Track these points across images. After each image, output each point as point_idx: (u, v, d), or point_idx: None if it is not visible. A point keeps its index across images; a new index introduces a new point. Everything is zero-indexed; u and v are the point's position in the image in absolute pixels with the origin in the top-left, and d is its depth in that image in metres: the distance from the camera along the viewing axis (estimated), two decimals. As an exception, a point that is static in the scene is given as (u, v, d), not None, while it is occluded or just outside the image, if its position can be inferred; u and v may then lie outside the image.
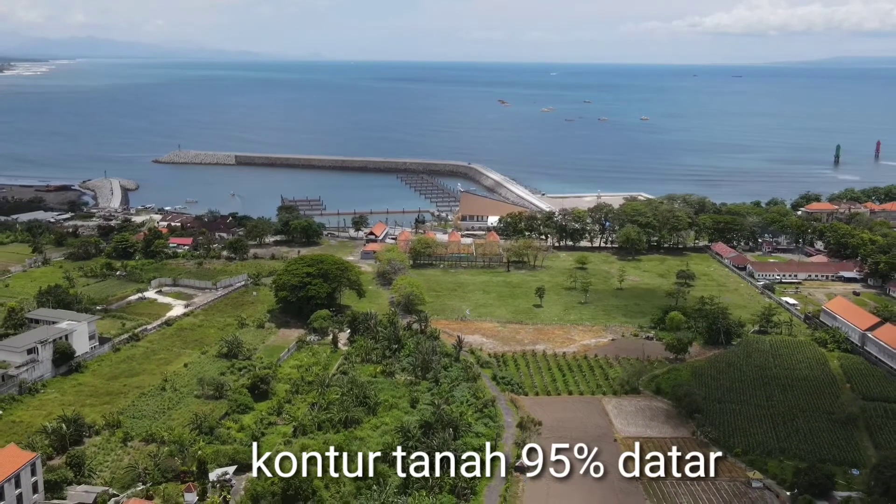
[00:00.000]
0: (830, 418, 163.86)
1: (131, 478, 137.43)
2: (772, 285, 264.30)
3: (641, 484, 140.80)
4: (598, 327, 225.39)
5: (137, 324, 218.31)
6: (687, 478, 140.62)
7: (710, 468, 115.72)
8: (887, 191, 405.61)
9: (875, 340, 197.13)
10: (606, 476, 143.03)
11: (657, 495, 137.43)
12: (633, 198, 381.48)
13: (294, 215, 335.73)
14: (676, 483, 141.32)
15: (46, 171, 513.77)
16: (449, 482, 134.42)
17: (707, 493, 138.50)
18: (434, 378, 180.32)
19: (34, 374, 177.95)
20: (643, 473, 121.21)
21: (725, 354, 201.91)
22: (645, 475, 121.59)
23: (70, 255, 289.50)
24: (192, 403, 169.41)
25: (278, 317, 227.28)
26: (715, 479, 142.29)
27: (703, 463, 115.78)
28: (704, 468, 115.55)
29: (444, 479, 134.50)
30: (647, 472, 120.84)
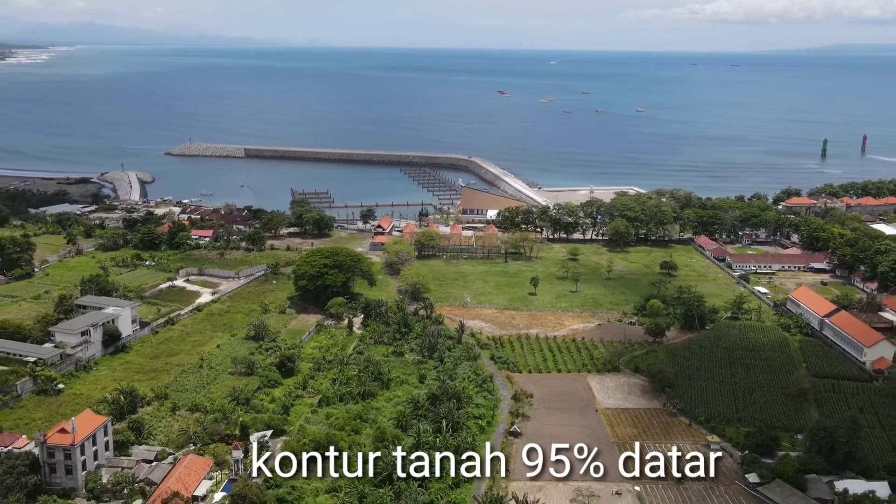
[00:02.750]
0: (784, 392, 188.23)
1: (184, 440, 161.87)
2: (747, 275, 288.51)
3: (617, 445, 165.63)
4: (586, 313, 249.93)
5: (171, 309, 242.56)
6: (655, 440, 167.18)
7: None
8: (864, 186, 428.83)
9: (831, 326, 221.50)
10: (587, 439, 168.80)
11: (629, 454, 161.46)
12: (623, 192, 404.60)
13: (306, 209, 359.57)
14: (645, 444, 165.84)
15: (60, 165, 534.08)
16: (453, 444, 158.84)
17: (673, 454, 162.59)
18: (439, 358, 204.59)
19: (87, 354, 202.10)
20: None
21: (699, 338, 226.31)
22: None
23: (100, 246, 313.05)
24: (228, 379, 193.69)
25: (297, 303, 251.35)
26: (679, 441, 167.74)
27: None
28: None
29: (449, 441, 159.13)
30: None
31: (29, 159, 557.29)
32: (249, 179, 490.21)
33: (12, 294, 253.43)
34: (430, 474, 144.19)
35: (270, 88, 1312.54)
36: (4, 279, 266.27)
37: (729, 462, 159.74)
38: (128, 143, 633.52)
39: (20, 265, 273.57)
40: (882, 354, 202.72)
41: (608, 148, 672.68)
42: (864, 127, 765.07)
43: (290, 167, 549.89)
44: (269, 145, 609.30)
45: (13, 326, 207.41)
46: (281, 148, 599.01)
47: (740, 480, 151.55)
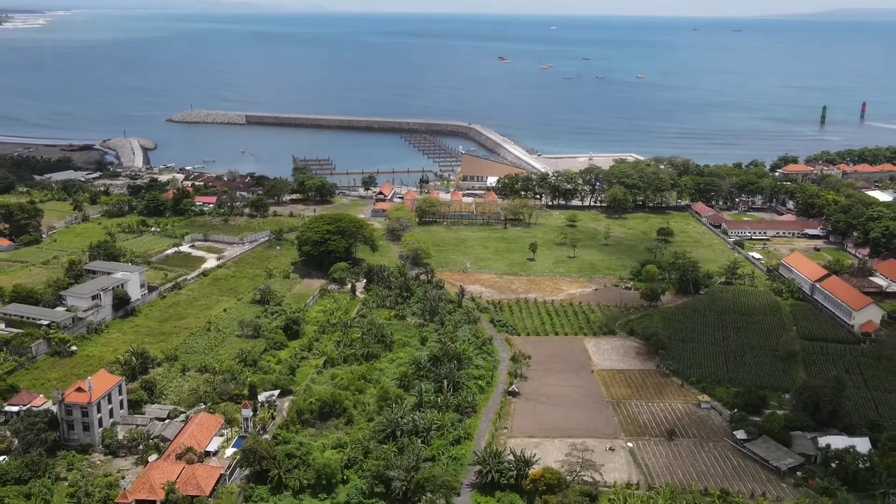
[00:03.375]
0: (774, 354, 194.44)
1: (194, 399, 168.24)
2: (742, 241, 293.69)
3: (611, 404, 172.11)
4: (583, 278, 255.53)
5: (178, 274, 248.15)
6: (648, 399, 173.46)
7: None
8: (860, 153, 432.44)
9: (822, 290, 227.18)
10: (583, 399, 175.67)
11: (623, 413, 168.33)
12: (622, 159, 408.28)
13: (308, 175, 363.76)
14: (639, 403, 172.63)
15: (61, 132, 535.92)
16: (454, 403, 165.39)
17: (664, 412, 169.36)
18: (440, 321, 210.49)
19: (98, 317, 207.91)
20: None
21: (693, 302, 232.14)
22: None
23: (106, 213, 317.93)
24: (235, 342, 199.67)
25: (301, 268, 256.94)
26: (671, 401, 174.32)
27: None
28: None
29: (450, 400, 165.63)
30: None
31: (29, 126, 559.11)
32: (251, 146, 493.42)
33: (22, 259, 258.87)
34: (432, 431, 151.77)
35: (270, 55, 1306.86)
36: (13, 245, 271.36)
37: (718, 420, 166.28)
38: (128, 110, 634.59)
39: (28, 231, 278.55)
40: (870, 318, 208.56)
41: (608, 115, 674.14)
42: (864, 94, 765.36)
43: (291, 134, 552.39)
44: (270, 112, 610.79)
45: (26, 291, 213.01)
46: (282, 115, 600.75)
47: (728, 437, 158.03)
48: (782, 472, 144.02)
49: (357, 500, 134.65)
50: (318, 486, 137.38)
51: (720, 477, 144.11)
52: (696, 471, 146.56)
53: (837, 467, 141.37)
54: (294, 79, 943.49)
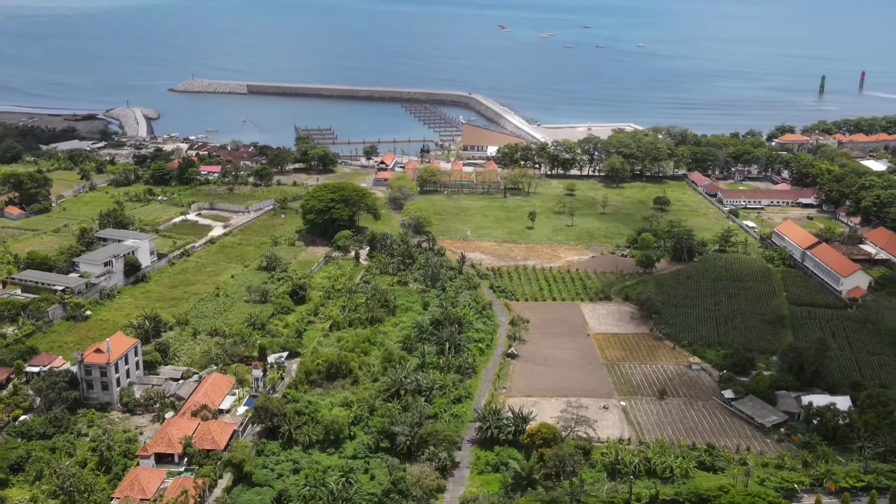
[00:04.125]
0: (763, 319, 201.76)
1: (206, 360, 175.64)
2: (737, 210, 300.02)
3: (606, 365, 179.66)
4: (581, 246, 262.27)
5: (186, 242, 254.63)
6: (641, 361, 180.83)
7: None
8: (857, 123, 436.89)
9: (812, 257, 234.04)
10: (579, 361, 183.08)
11: (617, 374, 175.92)
12: (620, 129, 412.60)
13: (311, 145, 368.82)
14: (632, 365, 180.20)
15: (62, 101, 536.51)
16: (455, 364, 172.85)
17: (656, 373, 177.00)
18: (441, 287, 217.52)
19: (110, 283, 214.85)
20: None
21: (687, 269, 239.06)
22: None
23: (112, 182, 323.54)
24: (243, 307, 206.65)
25: (306, 236, 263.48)
26: (663, 363, 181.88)
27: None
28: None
29: (451, 361, 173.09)
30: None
31: (30, 95, 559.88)
32: (253, 115, 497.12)
33: (33, 228, 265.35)
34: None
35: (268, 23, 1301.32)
36: (24, 213, 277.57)
37: (708, 380, 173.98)
38: (128, 80, 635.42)
39: (38, 200, 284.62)
40: (857, 284, 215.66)
41: (608, 84, 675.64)
42: (864, 63, 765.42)
43: (292, 103, 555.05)
44: (271, 81, 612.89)
45: (40, 258, 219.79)
46: (283, 84, 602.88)
47: (717, 396, 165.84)
48: (767, 428, 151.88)
49: (363, 454, 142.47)
50: (326, 441, 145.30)
51: (708, 433, 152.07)
52: (686, 427, 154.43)
53: (818, 424, 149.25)
54: (294, 48, 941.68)
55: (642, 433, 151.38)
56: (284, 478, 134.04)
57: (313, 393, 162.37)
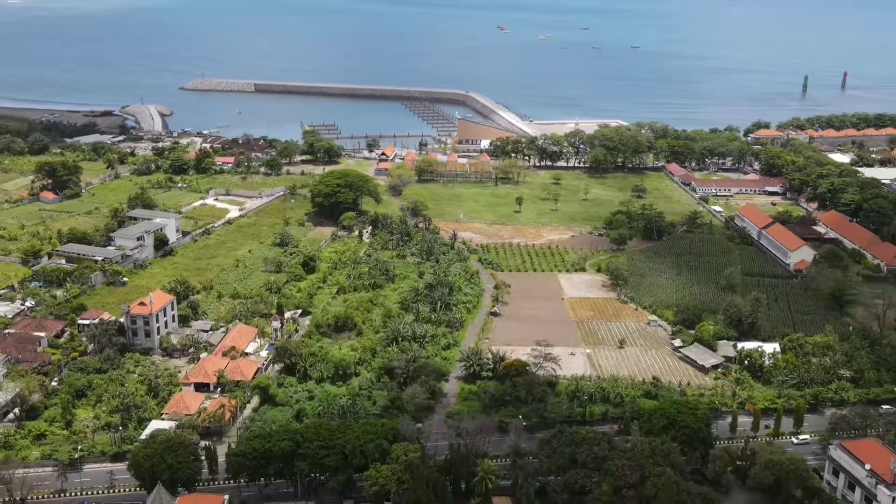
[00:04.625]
0: (717, 286, 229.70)
1: (231, 316, 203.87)
2: (707, 197, 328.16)
3: (575, 323, 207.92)
4: (562, 227, 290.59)
5: (206, 223, 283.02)
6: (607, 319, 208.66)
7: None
8: (828, 119, 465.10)
9: (766, 235, 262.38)
10: (553, 319, 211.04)
11: (584, 329, 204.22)
12: (606, 125, 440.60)
13: (317, 138, 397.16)
14: (599, 322, 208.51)
15: (78, 98, 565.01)
16: (445, 319, 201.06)
17: (619, 328, 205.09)
18: (435, 259, 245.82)
19: (142, 255, 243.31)
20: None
21: (655, 246, 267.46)
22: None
23: (135, 171, 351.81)
24: (260, 276, 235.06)
25: (314, 218, 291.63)
26: (626, 320, 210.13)
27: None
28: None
29: (442, 317, 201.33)
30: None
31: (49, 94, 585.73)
32: (259, 112, 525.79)
33: (67, 210, 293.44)
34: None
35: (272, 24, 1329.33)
36: (58, 198, 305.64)
37: (662, 334, 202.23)
38: (142, 78, 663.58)
39: (70, 186, 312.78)
40: (803, 257, 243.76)
41: (601, 83, 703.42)
42: (846, 63, 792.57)
43: (298, 101, 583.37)
44: (277, 80, 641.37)
45: (80, 233, 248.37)
46: (289, 83, 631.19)
47: (669, 345, 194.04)
48: (707, 369, 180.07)
49: (367, 386, 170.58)
50: (335, 376, 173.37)
51: (658, 373, 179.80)
52: (639, 369, 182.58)
53: (748, 363, 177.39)
54: (298, 48, 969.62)
55: (602, 373, 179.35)
56: (302, 403, 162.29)
57: (324, 342, 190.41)
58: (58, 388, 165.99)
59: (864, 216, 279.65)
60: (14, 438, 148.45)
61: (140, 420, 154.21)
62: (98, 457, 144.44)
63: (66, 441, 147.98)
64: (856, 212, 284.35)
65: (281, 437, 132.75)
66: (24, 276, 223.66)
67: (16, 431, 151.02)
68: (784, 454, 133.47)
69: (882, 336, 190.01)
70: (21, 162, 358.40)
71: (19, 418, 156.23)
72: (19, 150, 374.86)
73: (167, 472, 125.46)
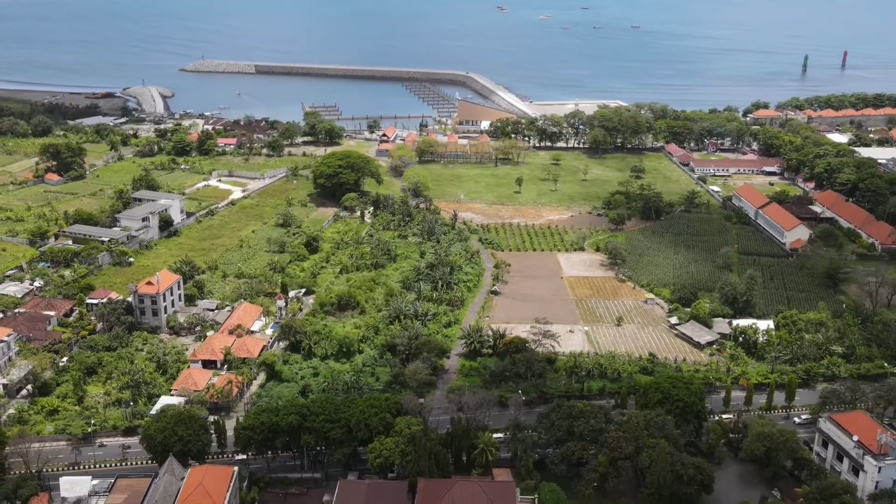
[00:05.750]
0: (714, 264, 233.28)
1: (237, 295, 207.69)
2: (705, 177, 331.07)
3: (574, 301, 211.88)
4: (561, 207, 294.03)
5: (210, 204, 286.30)
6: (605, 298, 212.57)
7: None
8: (827, 99, 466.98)
9: (763, 215, 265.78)
10: (552, 297, 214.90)
11: (583, 307, 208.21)
12: (605, 105, 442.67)
13: (318, 119, 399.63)
14: (597, 300, 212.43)
15: (82, 80, 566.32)
16: (446, 298, 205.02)
17: (617, 306, 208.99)
18: (436, 239, 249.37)
19: (147, 236, 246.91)
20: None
21: (653, 226, 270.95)
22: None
23: (138, 153, 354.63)
24: (264, 255, 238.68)
25: (316, 199, 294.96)
26: (624, 299, 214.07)
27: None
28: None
29: (443, 296, 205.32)
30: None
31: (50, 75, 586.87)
32: (260, 93, 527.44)
33: (72, 192, 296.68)
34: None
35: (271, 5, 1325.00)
36: (63, 179, 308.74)
37: (660, 312, 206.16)
38: (142, 60, 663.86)
39: (74, 168, 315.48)
40: (799, 236, 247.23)
41: (601, 63, 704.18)
42: (847, 42, 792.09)
43: (299, 82, 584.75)
44: (278, 62, 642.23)
45: (86, 214, 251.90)
46: (289, 64, 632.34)
47: (665, 323, 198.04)
48: (702, 345, 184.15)
49: (370, 363, 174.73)
50: (339, 353, 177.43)
51: (655, 349, 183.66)
52: (636, 345, 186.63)
53: (742, 340, 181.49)
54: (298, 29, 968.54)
55: (600, 350, 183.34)
56: (307, 379, 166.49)
57: (327, 320, 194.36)
58: (68, 365, 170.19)
59: (859, 196, 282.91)
60: (28, 414, 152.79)
61: (150, 396, 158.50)
62: (110, 431, 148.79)
63: (78, 416, 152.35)
64: (852, 191, 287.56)
65: (288, 411, 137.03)
66: (32, 257, 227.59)
67: (29, 407, 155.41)
68: (775, 426, 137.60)
69: (874, 313, 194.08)
70: (25, 144, 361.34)
71: (32, 394, 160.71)
72: (23, 132, 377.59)
73: (178, 444, 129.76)
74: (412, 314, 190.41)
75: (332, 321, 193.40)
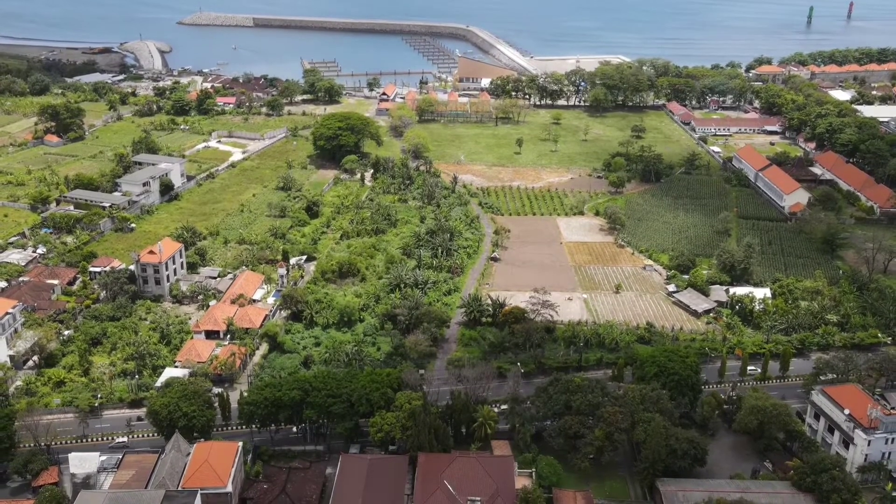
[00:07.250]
0: (712, 229, 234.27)
1: (238, 262, 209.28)
2: (706, 137, 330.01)
3: (573, 268, 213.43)
4: (562, 169, 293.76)
5: (210, 166, 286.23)
6: (604, 264, 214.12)
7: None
8: (831, 54, 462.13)
9: (763, 178, 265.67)
10: (551, 263, 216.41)
11: (582, 274, 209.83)
12: (607, 62, 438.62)
13: (318, 77, 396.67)
14: (596, 267, 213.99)
15: (77, 33, 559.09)
16: (446, 265, 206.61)
17: (616, 273, 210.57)
18: (436, 204, 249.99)
19: (148, 201, 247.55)
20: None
21: (653, 189, 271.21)
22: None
23: (136, 112, 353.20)
24: (265, 221, 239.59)
25: (316, 161, 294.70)
26: (623, 265, 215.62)
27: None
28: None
29: (443, 263, 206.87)
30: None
31: (44, 28, 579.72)
32: (259, 48, 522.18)
33: (72, 154, 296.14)
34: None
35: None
36: (62, 141, 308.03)
37: (658, 279, 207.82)
38: (138, 13, 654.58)
39: (73, 129, 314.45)
40: (798, 200, 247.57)
41: (605, 15, 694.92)
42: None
43: (298, 36, 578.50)
44: (276, 14, 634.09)
45: (86, 178, 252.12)
46: (288, 17, 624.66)
47: (663, 290, 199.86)
48: (699, 313, 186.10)
49: (371, 332, 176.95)
50: (340, 322, 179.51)
51: (652, 318, 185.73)
52: (634, 313, 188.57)
53: (739, 309, 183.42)
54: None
55: (598, 318, 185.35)
56: (309, 349, 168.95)
57: (328, 288, 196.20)
58: (74, 335, 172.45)
59: (860, 157, 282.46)
60: (35, 385, 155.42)
61: (154, 367, 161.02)
62: (116, 403, 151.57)
63: (84, 388, 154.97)
64: (852, 152, 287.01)
65: (290, 385, 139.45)
66: (34, 223, 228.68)
67: (36, 379, 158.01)
68: (768, 400, 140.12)
69: (871, 280, 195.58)
70: (23, 103, 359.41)
71: (38, 366, 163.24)
72: (21, 91, 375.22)
73: (183, 419, 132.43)
74: (412, 283, 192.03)
75: (332, 289, 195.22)
